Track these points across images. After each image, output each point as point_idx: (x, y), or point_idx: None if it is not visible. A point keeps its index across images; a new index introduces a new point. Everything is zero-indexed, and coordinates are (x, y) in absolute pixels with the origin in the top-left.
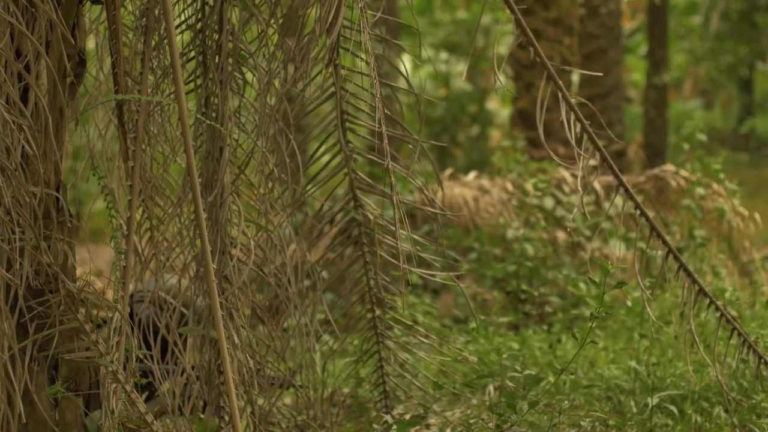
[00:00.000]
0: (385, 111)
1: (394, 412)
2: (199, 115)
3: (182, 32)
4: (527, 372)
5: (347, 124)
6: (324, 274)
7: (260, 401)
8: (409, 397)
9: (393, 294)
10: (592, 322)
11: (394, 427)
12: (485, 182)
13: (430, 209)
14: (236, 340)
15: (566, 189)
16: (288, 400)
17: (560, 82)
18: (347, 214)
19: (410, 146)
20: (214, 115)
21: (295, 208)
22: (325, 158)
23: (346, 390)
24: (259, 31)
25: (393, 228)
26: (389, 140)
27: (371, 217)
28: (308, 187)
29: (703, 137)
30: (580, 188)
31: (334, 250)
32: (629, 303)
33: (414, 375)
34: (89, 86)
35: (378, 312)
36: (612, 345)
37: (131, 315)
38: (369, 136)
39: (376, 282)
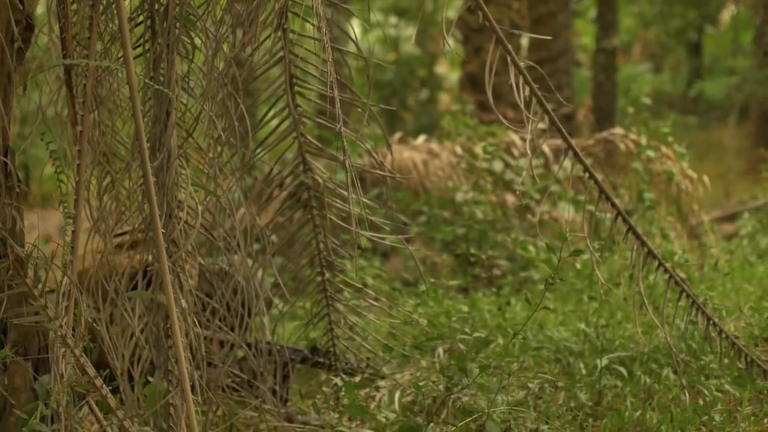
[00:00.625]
0: (335, 75)
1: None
2: (147, 80)
3: None
4: (477, 334)
5: (296, 88)
6: (273, 237)
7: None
8: (359, 359)
9: (343, 257)
10: (545, 288)
11: (344, 389)
12: (434, 146)
13: (379, 172)
14: (184, 304)
15: (515, 152)
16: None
17: (509, 46)
18: (296, 178)
19: (359, 110)
20: (162, 79)
21: (244, 172)
22: (274, 122)
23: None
24: None
25: (343, 191)
26: (339, 104)
27: (320, 180)
28: (257, 151)
29: (647, 101)
30: (529, 151)
31: (283, 214)
32: (578, 266)
33: (364, 338)
34: (37, 52)
35: (328, 275)
36: (561, 307)
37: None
38: (318, 99)
39: (325, 245)
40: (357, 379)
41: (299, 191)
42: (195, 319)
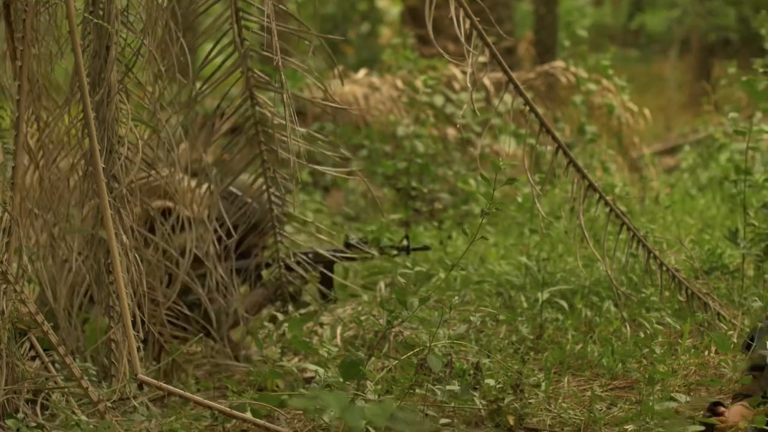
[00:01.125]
0: (279, 6)
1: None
2: (86, 14)
3: None
4: (418, 268)
5: (242, 22)
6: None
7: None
8: (302, 295)
9: (290, 192)
10: (483, 219)
11: (286, 324)
12: (375, 80)
13: (327, 103)
14: (125, 240)
15: (456, 86)
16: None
17: None
18: (243, 113)
19: (306, 43)
20: (101, 13)
21: (188, 107)
22: (219, 59)
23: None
24: None
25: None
26: (282, 36)
27: (269, 114)
28: (203, 87)
29: (584, 33)
30: (470, 85)
31: (230, 151)
32: (519, 199)
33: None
34: None
35: (276, 211)
36: (502, 241)
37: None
38: (263, 32)
39: (274, 180)
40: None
41: (245, 126)
42: (136, 255)
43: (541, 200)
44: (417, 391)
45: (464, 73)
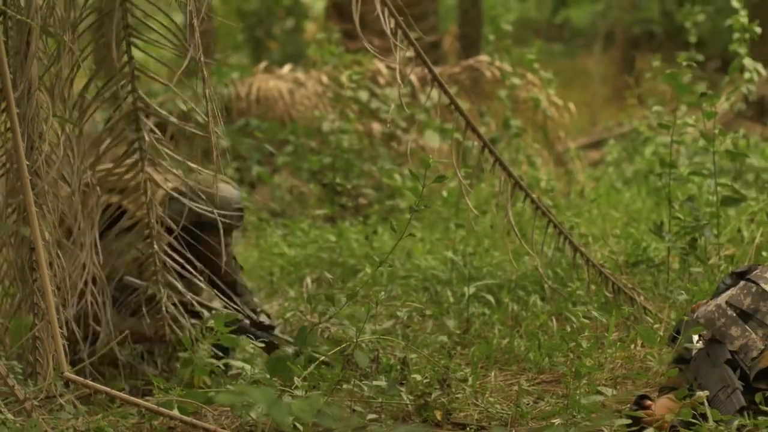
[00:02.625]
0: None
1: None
2: (5, 8)
3: None
4: (344, 263)
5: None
6: None
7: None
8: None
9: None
10: (411, 216)
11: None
12: (300, 75)
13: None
14: (47, 237)
15: (381, 81)
16: None
17: None
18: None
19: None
20: (22, 7)
21: (114, 102)
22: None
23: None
24: None
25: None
26: (204, 34)
27: (185, 110)
28: (125, 82)
29: (508, 27)
30: (399, 80)
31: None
32: (445, 194)
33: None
34: None
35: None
36: (429, 236)
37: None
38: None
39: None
40: None
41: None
42: (58, 252)
43: (468, 195)
44: (344, 386)
45: (389, 68)
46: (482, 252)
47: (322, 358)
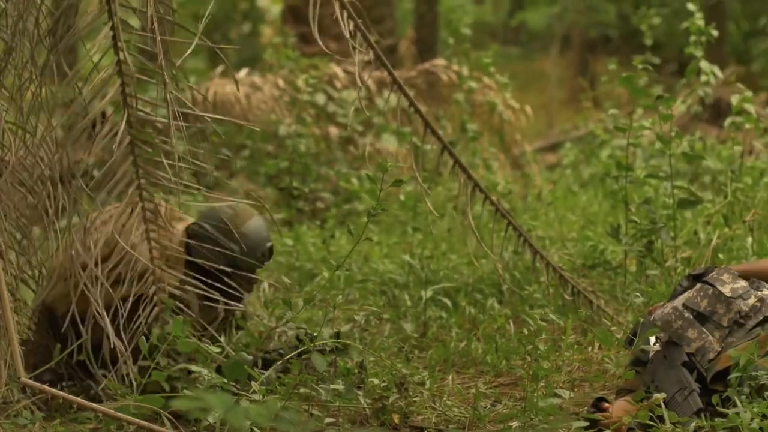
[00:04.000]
0: (158, 8)
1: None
2: None
3: None
4: (302, 267)
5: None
6: (96, 173)
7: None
8: None
9: (168, 193)
10: (368, 220)
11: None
12: (257, 79)
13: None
14: (1, 243)
15: (338, 84)
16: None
17: None
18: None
19: (184, 43)
20: None
21: (66, 108)
22: (96, 57)
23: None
24: None
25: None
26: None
27: (142, 115)
28: (80, 85)
29: (467, 31)
30: (359, 83)
31: (110, 152)
32: (402, 197)
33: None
34: None
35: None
36: (386, 239)
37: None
38: (142, 31)
39: (147, 181)
40: None
41: (121, 127)
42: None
43: (427, 198)
44: (302, 390)
45: (346, 71)
46: (439, 255)
47: (279, 363)
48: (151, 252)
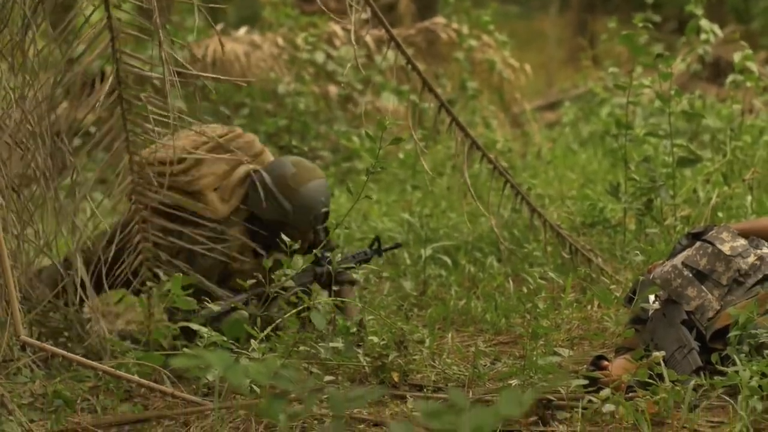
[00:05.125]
0: None
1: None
2: None
3: None
4: None
5: None
6: (93, 129)
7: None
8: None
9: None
10: (368, 178)
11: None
12: (256, 37)
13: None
14: (1, 201)
15: (337, 43)
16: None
17: None
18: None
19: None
20: None
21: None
22: (92, 12)
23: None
24: None
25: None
26: None
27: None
28: (76, 44)
29: None
30: (353, 41)
31: (108, 109)
32: (402, 156)
33: None
34: None
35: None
36: (385, 198)
37: None
38: None
39: (143, 141)
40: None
41: (108, 82)
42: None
43: (424, 157)
44: (301, 348)
45: (345, 30)
46: (439, 213)
47: (279, 320)
48: (132, 203)
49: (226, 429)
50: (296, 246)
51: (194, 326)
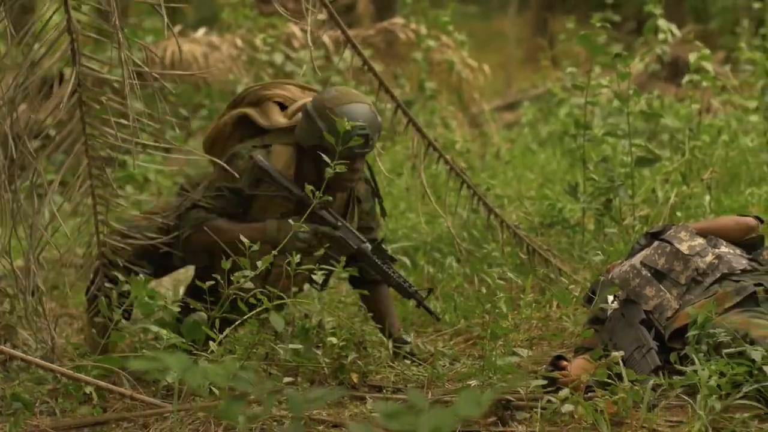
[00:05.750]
0: None
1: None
2: None
3: None
4: None
5: None
6: (53, 133)
7: None
8: None
9: (126, 153)
10: (327, 179)
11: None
12: (215, 38)
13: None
14: None
15: (296, 44)
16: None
17: None
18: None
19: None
20: None
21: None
22: (50, 15)
23: (79, 251)
24: None
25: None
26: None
27: (98, 76)
28: (36, 46)
29: None
30: (310, 43)
31: (68, 111)
32: None
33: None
34: None
35: (109, 170)
36: None
37: None
38: None
39: (103, 142)
40: None
41: (69, 85)
42: None
43: (382, 158)
44: (260, 350)
45: (304, 31)
46: (398, 214)
47: (239, 321)
48: (95, 209)
49: (185, 431)
50: (332, 173)
51: (153, 328)
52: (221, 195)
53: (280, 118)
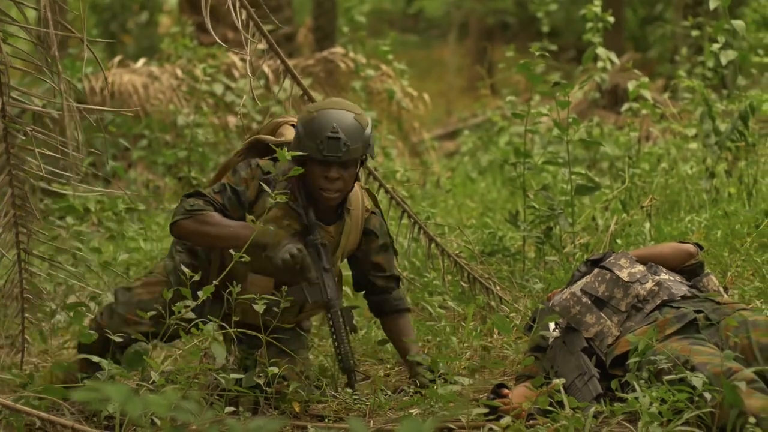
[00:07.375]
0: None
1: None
2: None
3: None
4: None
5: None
6: None
7: None
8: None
9: (66, 183)
10: (269, 209)
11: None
12: (155, 69)
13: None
14: None
15: (236, 74)
16: None
17: None
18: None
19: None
20: None
21: None
22: None
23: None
24: None
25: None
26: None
27: (36, 108)
28: None
29: (362, 19)
30: (249, 73)
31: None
32: None
33: (87, 265)
34: None
35: (47, 201)
36: None
37: None
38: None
39: (39, 167)
40: None
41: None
42: None
43: None
44: (201, 379)
45: (243, 61)
46: None
47: (179, 353)
48: (18, 237)
49: None
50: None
51: (94, 359)
52: (223, 191)
53: (291, 135)
